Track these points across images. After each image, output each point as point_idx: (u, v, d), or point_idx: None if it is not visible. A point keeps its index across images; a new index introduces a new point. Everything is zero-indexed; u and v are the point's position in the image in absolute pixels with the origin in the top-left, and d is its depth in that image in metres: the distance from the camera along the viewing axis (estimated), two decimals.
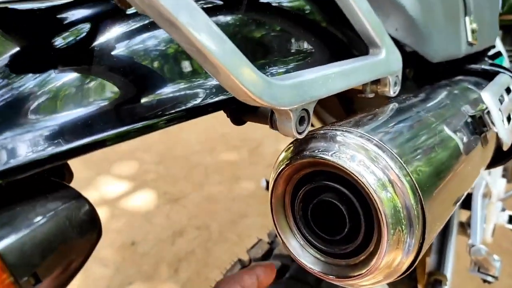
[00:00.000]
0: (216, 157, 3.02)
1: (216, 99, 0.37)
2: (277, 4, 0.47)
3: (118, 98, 0.32)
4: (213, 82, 0.37)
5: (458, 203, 0.52)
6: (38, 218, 0.25)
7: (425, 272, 1.20)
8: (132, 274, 2.04)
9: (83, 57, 0.32)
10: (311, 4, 0.48)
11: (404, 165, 0.38)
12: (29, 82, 0.30)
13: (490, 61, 0.93)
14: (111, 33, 0.33)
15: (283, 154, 0.42)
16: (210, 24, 0.28)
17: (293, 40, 0.44)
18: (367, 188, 0.36)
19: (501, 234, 2.15)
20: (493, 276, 0.97)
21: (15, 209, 0.26)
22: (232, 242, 2.19)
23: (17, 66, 0.31)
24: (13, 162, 0.26)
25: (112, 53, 0.33)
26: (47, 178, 0.31)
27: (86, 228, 0.28)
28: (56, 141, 0.28)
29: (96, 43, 0.33)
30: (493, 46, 1.13)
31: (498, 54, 1.18)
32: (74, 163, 0.33)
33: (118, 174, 2.83)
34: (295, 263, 0.80)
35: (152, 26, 0.35)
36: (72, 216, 0.27)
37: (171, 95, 0.34)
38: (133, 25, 0.34)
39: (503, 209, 1.38)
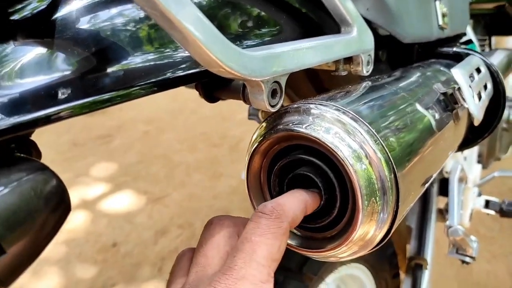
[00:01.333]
0: (197, 156, 3.00)
1: (187, 72, 0.36)
2: None
3: (84, 68, 0.31)
4: (184, 54, 0.36)
5: (432, 178, 0.53)
6: (1, 189, 0.24)
7: (406, 258, 1.22)
8: (114, 275, 2.01)
9: (48, 26, 0.32)
10: None
11: (379, 138, 0.39)
12: None
13: (460, 45, 0.95)
14: (75, 3, 0.32)
15: (258, 131, 0.42)
16: None
17: (264, 17, 0.44)
18: (342, 160, 0.36)
19: (478, 220, 2.20)
20: (471, 257, 0.99)
21: None
22: None
23: None
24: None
25: (78, 22, 0.32)
26: (12, 153, 0.30)
27: (53, 200, 0.27)
28: (18, 110, 0.27)
29: (60, 12, 0.32)
30: (464, 34, 1.16)
31: (469, 42, 1.21)
32: (52, 165, 0.32)
33: (98, 176, 2.79)
34: None
35: None
36: (38, 187, 0.26)
37: (140, 65, 0.33)
38: None
39: (479, 194, 1.41)
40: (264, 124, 0.42)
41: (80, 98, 0.30)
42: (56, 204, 0.27)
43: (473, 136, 0.78)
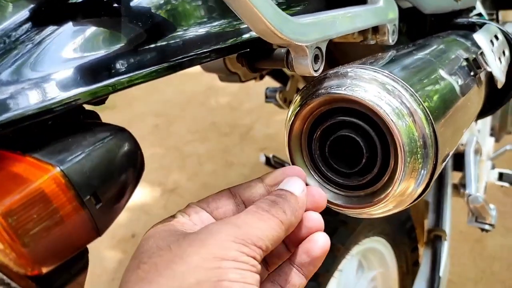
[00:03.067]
0: (208, 146, 3.03)
1: (233, 42, 0.39)
2: None
3: (135, 42, 0.33)
4: (229, 26, 0.39)
5: (461, 139, 0.55)
6: (91, 145, 0.27)
7: (424, 231, 1.25)
8: None
9: (100, 5, 0.34)
10: None
11: (417, 96, 0.41)
12: (51, 33, 0.31)
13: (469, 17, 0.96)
14: None
15: (297, 97, 0.44)
16: None
17: None
18: (385, 118, 0.38)
19: (491, 195, 2.22)
20: (490, 224, 1.02)
21: (68, 139, 0.27)
22: None
23: (38, 19, 0.32)
24: (49, 100, 0.28)
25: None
26: (86, 121, 0.33)
27: (133, 156, 0.30)
28: (84, 82, 0.30)
29: None
30: (474, 8, 1.17)
31: (479, 15, 1.22)
32: None
33: None
34: None
35: None
36: (121, 145, 0.29)
37: (190, 37, 0.36)
38: None
39: (493, 167, 1.43)
40: (303, 91, 0.44)
41: (139, 68, 0.33)
42: (135, 160, 0.30)
43: (490, 104, 0.80)
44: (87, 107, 0.35)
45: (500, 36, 0.72)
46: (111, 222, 0.28)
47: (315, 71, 0.39)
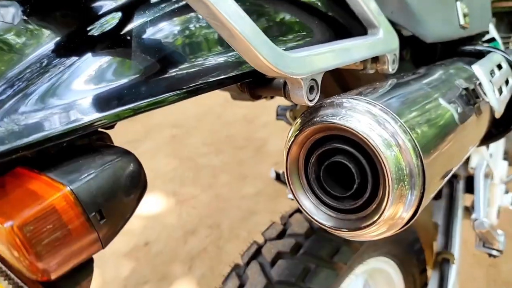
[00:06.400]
0: (223, 158, 3.07)
1: (235, 73, 0.42)
2: None
3: (149, 72, 0.37)
4: (232, 59, 0.42)
5: (456, 167, 0.57)
6: (99, 167, 0.31)
7: (433, 254, 1.24)
8: (147, 274, 2.09)
9: (120, 39, 0.38)
10: None
11: (407, 128, 0.43)
12: (68, 64, 0.35)
13: (479, 43, 0.98)
14: (142, 17, 0.39)
15: (296, 124, 0.47)
16: (233, 3, 0.33)
17: (299, 22, 0.49)
18: (374, 148, 0.41)
19: (506, 220, 2.18)
20: (498, 250, 1.01)
21: (79, 161, 0.31)
22: (243, 238, 2.23)
23: (63, 49, 0.36)
24: (73, 123, 0.31)
25: (143, 33, 0.38)
26: (96, 142, 0.36)
27: (136, 177, 0.33)
28: (98, 109, 0.34)
29: (129, 26, 0.38)
30: (487, 32, 1.18)
31: (493, 40, 1.23)
32: None
33: None
34: (308, 241, 0.85)
35: (179, 10, 0.40)
36: (125, 167, 0.32)
37: (196, 69, 0.39)
38: (162, 9, 0.39)
39: (507, 192, 1.42)
40: (300, 118, 0.47)
41: (149, 97, 0.36)
42: (138, 181, 0.33)
43: (497, 130, 0.81)
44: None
45: (504, 64, 0.73)
46: (113, 236, 0.32)
47: (310, 101, 0.42)
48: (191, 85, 0.39)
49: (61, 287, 0.31)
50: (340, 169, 0.45)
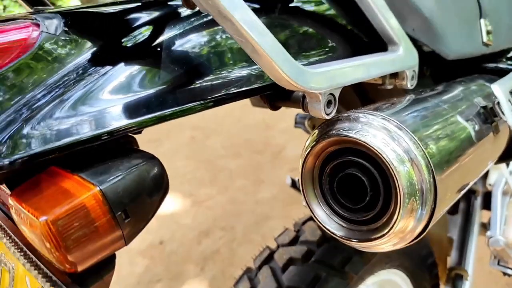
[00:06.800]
0: (240, 162, 3.10)
1: (257, 85, 0.44)
2: (306, 8, 0.54)
3: (176, 82, 0.39)
4: (254, 72, 0.44)
5: (470, 184, 0.57)
6: (126, 169, 0.33)
7: (446, 269, 1.23)
8: (160, 272, 2.13)
9: (151, 50, 0.40)
10: (336, 7, 0.55)
11: (420, 145, 0.44)
12: (102, 73, 0.38)
13: (507, 61, 0.97)
14: (172, 30, 0.41)
15: (312, 135, 0.49)
16: (257, 21, 0.35)
17: (321, 37, 0.51)
18: (388, 162, 0.42)
19: None
20: None
21: (108, 163, 0.33)
22: (256, 242, 2.24)
23: (97, 59, 0.39)
24: (103, 129, 0.34)
25: (174, 46, 0.41)
26: (124, 146, 0.39)
27: (159, 181, 0.35)
28: (127, 116, 0.36)
29: (160, 38, 0.41)
30: None
31: None
32: None
33: None
34: (320, 249, 0.86)
35: (207, 24, 0.42)
36: (150, 170, 0.34)
37: (222, 81, 0.41)
38: (191, 23, 0.42)
39: None
40: (317, 130, 0.49)
41: (178, 105, 0.39)
42: (161, 184, 0.35)
43: None
44: None
45: None
46: (136, 234, 0.34)
47: (327, 114, 0.44)
48: (215, 95, 0.41)
49: (85, 280, 0.33)
50: (354, 181, 0.46)
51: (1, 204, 0.47)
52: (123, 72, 0.38)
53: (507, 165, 1.23)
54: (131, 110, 0.37)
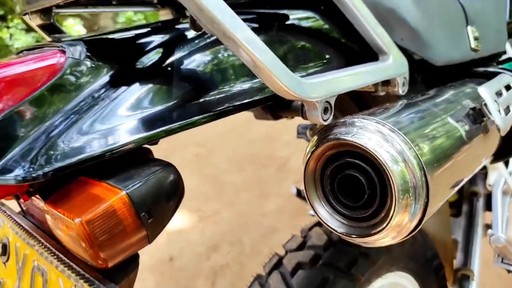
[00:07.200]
0: (245, 176, 3.13)
1: (259, 97, 0.48)
2: (301, 25, 0.59)
3: (186, 97, 0.44)
4: (256, 85, 0.49)
5: (463, 182, 0.61)
6: (146, 176, 0.37)
7: (453, 270, 1.25)
8: None
9: (166, 69, 0.45)
10: (329, 22, 0.60)
11: (413, 146, 0.48)
12: (122, 90, 0.43)
13: (495, 65, 1.02)
14: (183, 51, 0.46)
15: (313, 140, 0.53)
16: (257, 40, 0.40)
17: (316, 51, 0.56)
18: (382, 163, 0.46)
19: None
20: None
21: (130, 170, 0.38)
22: (265, 255, 2.26)
23: (111, 83, 0.43)
24: (124, 140, 0.38)
25: (185, 65, 0.46)
26: (143, 156, 0.43)
27: (176, 185, 0.39)
28: (143, 129, 0.40)
29: (173, 58, 0.45)
30: (504, 52, 1.22)
31: (509, 60, 1.26)
32: None
33: None
34: (326, 252, 0.89)
35: (211, 44, 0.47)
36: (168, 177, 0.39)
37: (227, 94, 0.46)
38: (199, 44, 0.47)
39: None
40: (317, 135, 0.53)
41: (186, 118, 0.43)
42: (177, 188, 0.40)
43: (510, 147, 0.84)
44: None
45: None
46: (158, 233, 0.38)
47: (325, 120, 0.48)
48: (222, 107, 0.46)
49: (114, 276, 0.37)
50: (352, 181, 0.50)
51: (30, 216, 0.51)
52: (138, 90, 0.43)
53: (506, 165, 1.26)
54: (146, 124, 0.41)
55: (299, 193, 1.51)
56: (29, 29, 5.74)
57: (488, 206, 1.29)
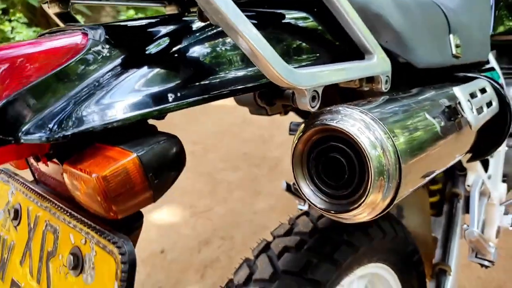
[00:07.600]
0: (239, 174, 3.19)
1: (256, 83, 0.54)
2: (296, 24, 0.65)
3: (187, 79, 0.50)
4: (253, 72, 0.55)
5: (435, 173, 0.67)
6: (153, 143, 0.43)
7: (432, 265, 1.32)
8: (162, 279, 2.20)
9: (173, 55, 0.51)
10: (321, 23, 0.67)
11: (390, 134, 0.55)
12: (134, 70, 0.48)
13: (477, 72, 1.09)
14: (190, 39, 0.52)
15: (301, 126, 0.59)
16: (257, 32, 0.46)
17: (308, 47, 0.62)
18: (362, 147, 0.53)
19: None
20: (489, 261, 1.09)
21: (139, 139, 0.44)
22: None
23: (132, 61, 0.49)
24: (136, 112, 0.44)
25: (187, 51, 0.52)
26: (150, 129, 0.49)
27: (178, 154, 0.45)
28: (150, 103, 0.46)
29: (180, 46, 0.51)
30: (487, 62, 1.29)
31: (492, 69, 1.34)
32: None
33: None
34: (312, 238, 0.95)
35: (214, 36, 0.53)
36: (172, 145, 0.44)
37: (228, 78, 0.52)
38: (205, 33, 0.53)
39: (507, 213, 1.49)
40: (305, 122, 0.59)
41: (187, 98, 0.49)
42: (180, 156, 0.45)
43: (486, 146, 0.91)
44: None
45: (488, 89, 0.85)
46: (161, 195, 0.44)
47: (312, 107, 0.54)
48: (223, 90, 0.52)
49: (121, 228, 0.43)
50: (335, 163, 0.56)
51: (41, 184, 0.57)
52: (148, 71, 0.48)
53: (485, 168, 1.33)
54: (154, 99, 0.47)
55: (289, 188, 1.57)
56: (30, 23, 5.79)
57: (468, 209, 1.36)
